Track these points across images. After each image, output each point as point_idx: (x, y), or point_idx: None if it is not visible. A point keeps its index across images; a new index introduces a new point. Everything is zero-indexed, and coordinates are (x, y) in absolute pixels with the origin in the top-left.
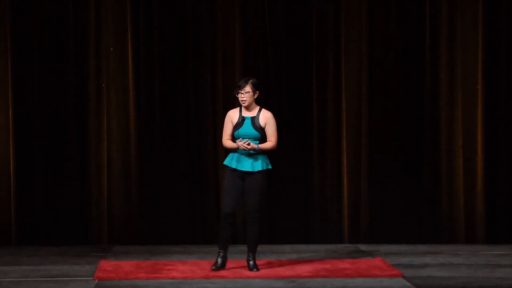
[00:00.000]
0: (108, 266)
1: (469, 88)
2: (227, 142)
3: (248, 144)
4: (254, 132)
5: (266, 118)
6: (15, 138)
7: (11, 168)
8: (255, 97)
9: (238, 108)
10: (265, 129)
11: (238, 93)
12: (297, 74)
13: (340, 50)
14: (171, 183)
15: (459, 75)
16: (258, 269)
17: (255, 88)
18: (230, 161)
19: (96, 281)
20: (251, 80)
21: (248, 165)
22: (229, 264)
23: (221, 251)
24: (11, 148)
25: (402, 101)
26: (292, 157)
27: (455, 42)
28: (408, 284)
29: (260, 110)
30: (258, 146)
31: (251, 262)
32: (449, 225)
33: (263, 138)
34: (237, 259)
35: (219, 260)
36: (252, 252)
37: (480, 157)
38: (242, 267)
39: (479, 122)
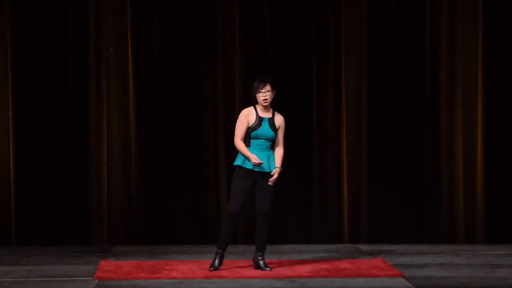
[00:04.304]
0: (108, 266)
1: (469, 88)
2: (240, 144)
3: (275, 174)
4: (271, 133)
5: (280, 121)
6: (15, 138)
7: (11, 168)
8: (273, 96)
9: (252, 107)
10: (277, 132)
11: (258, 92)
12: (297, 74)
13: (340, 50)
14: (171, 183)
15: (459, 75)
16: (270, 268)
17: (273, 87)
18: (243, 162)
19: (96, 281)
20: (269, 80)
21: (265, 165)
22: (229, 264)
23: (220, 251)
24: (11, 148)
25: (402, 101)
26: (292, 157)
27: (455, 42)
28: (408, 284)
29: (273, 112)
30: (279, 168)
31: (261, 262)
32: (449, 225)
33: (275, 140)
34: (237, 259)
35: (217, 260)
36: (263, 252)
37: (480, 157)
38: (242, 267)
39: (479, 122)
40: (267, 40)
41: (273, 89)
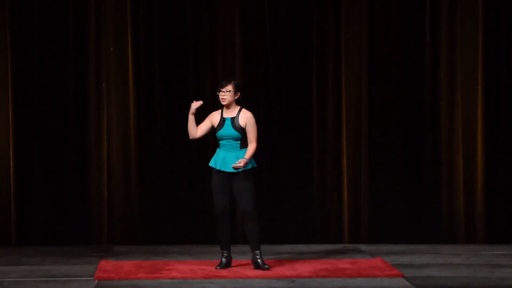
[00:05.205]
0: (108, 266)
1: (469, 88)
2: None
3: (240, 163)
4: (234, 133)
5: (246, 118)
6: (15, 138)
7: (11, 168)
8: (236, 97)
9: (220, 110)
10: (246, 129)
11: (219, 91)
12: (297, 75)
13: (340, 50)
14: (171, 183)
15: (459, 75)
16: (269, 267)
17: (236, 88)
18: (215, 163)
19: (96, 281)
20: (233, 80)
21: (228, 166)
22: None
23: (225, 251)
24: (11, 148)
25: (402, 101)
26: (292, 157)
27: (455, 42)
28: (408, 284)
29: (240, 111)
30: (246, 159)
31: (259, 260)
32: (449, 225)
33: (243, 138)
34: (237, 259)
35: (224, 260)
36: (258, 250)
37: (480, 157)
38: (242, 266)
39: (479, 122)
40: (267, 40)
41: (237, 90)
